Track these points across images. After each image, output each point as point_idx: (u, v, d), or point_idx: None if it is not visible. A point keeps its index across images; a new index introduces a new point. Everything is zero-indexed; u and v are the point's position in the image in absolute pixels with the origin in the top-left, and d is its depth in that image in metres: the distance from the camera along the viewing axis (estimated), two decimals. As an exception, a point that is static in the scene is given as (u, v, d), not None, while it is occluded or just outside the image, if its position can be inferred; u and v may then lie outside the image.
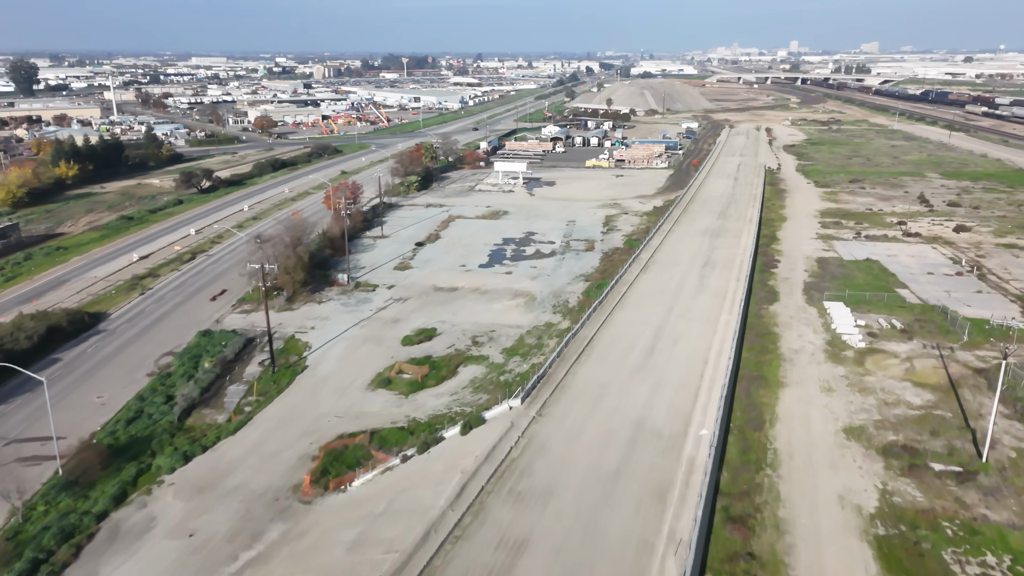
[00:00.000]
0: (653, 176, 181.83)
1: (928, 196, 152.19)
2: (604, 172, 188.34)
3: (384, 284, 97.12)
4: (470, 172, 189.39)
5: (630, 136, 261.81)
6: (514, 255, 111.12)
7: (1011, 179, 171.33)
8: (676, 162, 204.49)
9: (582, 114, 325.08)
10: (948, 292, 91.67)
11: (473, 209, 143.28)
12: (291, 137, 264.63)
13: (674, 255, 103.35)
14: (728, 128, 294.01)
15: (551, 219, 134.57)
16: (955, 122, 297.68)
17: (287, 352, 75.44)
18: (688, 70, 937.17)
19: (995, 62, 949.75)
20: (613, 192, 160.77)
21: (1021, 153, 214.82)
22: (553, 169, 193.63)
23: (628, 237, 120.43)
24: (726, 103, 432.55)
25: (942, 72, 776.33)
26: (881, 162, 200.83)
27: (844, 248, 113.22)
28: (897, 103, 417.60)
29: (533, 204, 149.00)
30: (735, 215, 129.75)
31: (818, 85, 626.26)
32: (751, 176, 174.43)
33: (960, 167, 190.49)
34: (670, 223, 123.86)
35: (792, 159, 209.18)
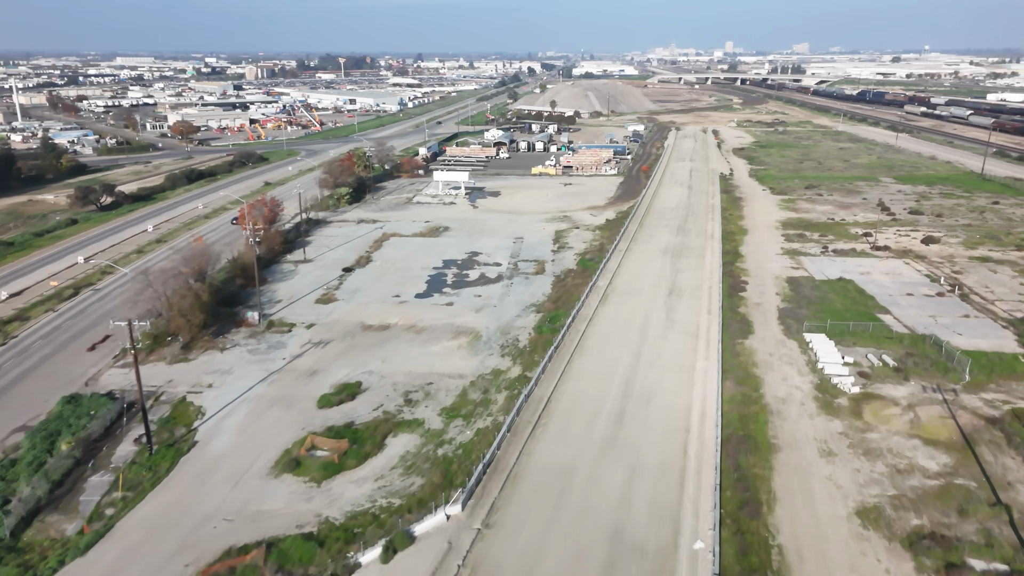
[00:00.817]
0: (603, 184, 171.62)
1: (888, 203, 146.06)
2: (551, 180, 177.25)
3: (303, 322, 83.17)
4: (408, 181, 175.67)
5: (576, 140, 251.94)
6: (456, 281, 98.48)
7: (966, 183, 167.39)
8: (625, 168, 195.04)
9: (526, 116, 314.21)
10: (934, 318, 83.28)
11: (410, 225, 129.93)
12: (214, 144, 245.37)
13: (635, 281, 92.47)
14: (675, 130, 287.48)
15: (496, 236, 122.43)
16: (897, 123, 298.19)
17: (174, 422, 61.09)
18: (629, 70, 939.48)
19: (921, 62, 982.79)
20: (562, 203, 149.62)
21: (968, 155, 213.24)
22: (497, 177, 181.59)
23: (581, 256, 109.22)
24: (669, 104, 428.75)
25: (873, 72, 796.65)
26: (833, 166, 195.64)
27: (813, 265, 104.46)
28: (836, 103, 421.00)
29: (477, 218, 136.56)
30: (695, 230, 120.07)
31: (757, 85, 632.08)
32: (705, 184, 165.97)
33: (912, 170, 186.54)
34: (626, 241, 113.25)
35: (743, 163, 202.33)
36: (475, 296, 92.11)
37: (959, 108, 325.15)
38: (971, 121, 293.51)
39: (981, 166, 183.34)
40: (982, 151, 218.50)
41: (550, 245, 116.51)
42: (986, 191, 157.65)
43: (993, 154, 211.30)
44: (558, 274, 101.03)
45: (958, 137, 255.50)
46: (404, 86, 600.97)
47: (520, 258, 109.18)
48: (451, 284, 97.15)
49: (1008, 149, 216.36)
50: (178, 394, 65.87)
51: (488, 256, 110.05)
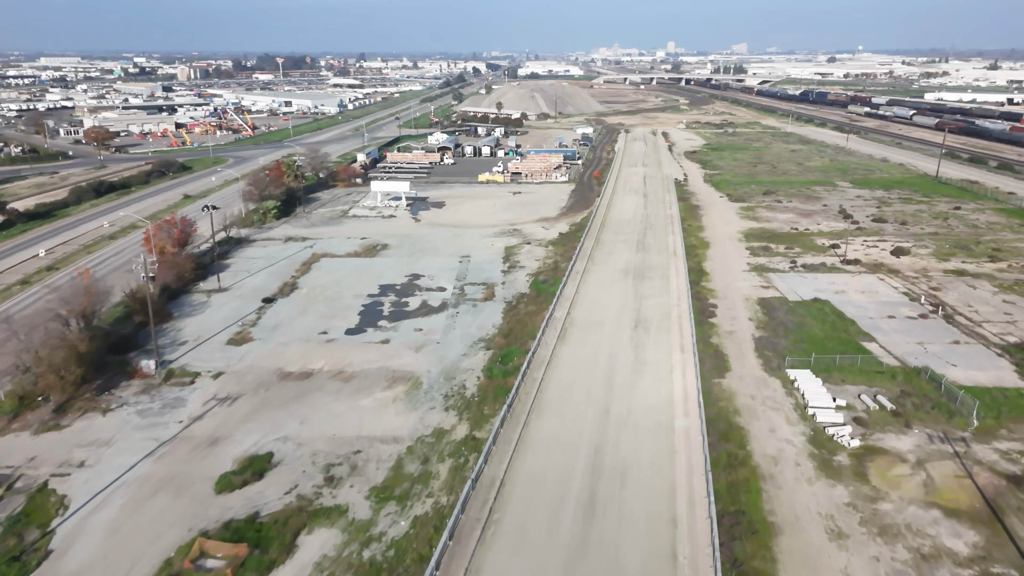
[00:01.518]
0: (554, 192, 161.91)
1: (849, 210, 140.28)
2: (499, 188, 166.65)
3: (209, 370, 70.45)
4: (344, 192, 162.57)
5: (524, 144, 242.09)
6: (394, 311, 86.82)
7: (923, 187, 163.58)
8: (576, 174, 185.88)
9: (471, 119, 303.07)
10: (923, 345, 75.71)
11: (344, 243, 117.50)
12: (133, 151, 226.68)
13: (596, 310, 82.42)
14: (624, 133, 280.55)
15: (441, 254, 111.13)
16: (844, 124, 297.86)
17: (26, 521, 48.09)
18: (574, 71, 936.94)
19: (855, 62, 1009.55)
20: (511, 214, 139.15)
21: (918, 156, 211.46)
22: (442, 186, 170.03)
23: (534, 277, 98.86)
24: (616, 105, 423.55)
25: (812, 72, 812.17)
26: (787, 170, 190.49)
27: (784, 283, 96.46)
28: (781, 104, 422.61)
29: (419, 233, 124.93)
30: (655, 246, 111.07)
31: (702, 85, 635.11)
32: (660, 191, 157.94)
33: (866, 173, 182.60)
34: (583, 260, 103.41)
35: (697, 167, 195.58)
36: (415, 330, 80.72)
37: (901, 108, 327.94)
38: (915, 121, 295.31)
39: (936, 169, 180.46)
40: (931, 152, 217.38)
41: (500, 264, 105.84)
42: (944, 195, 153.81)
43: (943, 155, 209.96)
44: (509, 299, 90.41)
45: (904, 138, 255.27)
46: (345, 87, 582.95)
47: (467, 281, 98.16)
48: (388, 315, 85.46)
49: (957, 150, 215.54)
50: (39, 478, 52.70)
51: (431, 279, 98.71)
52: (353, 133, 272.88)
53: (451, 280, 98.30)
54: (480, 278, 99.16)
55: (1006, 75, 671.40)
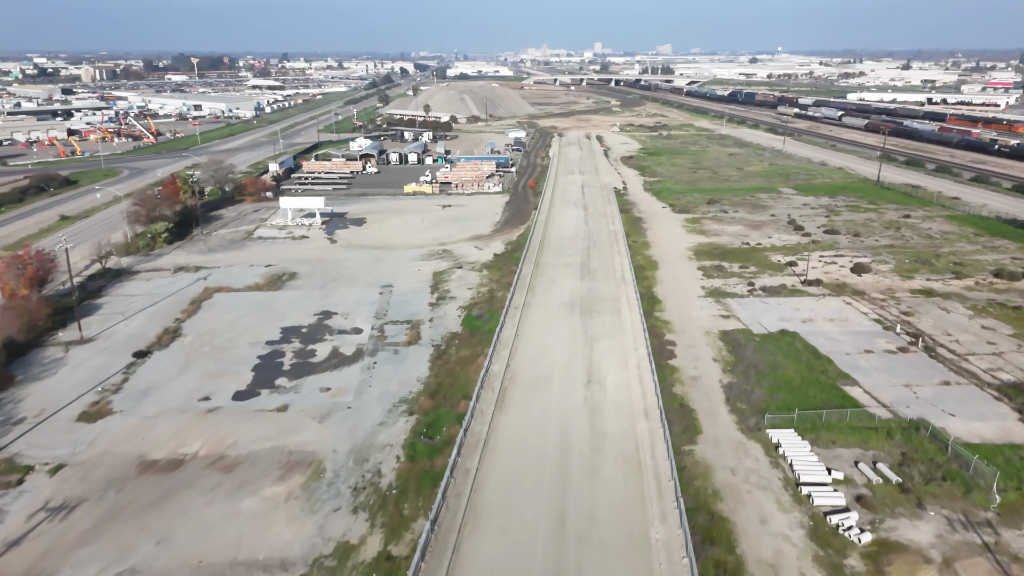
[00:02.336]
0: (487, 205, 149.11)
1: (799, 220, 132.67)
2: (427, 201, 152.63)
3: (47, 461, 54.53)
4: (252, 208, 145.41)
5: (454, 149, 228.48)
6: (297, 364, 72.19)
7: (867, 192, 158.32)
8: (510, 183, 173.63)
9: (397, 122, 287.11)
10: (911, 388, 66.33)
11: (245, 273, 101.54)
12: (13, 163, 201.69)
13: (540, 360, 69.74)
14: (557, 136, 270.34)
15: (358, 284, 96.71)
16: (777, 125, 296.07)
17: None
18: (504, 71, 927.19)
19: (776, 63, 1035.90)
20: (441, 232, 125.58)
21: (855, 159, 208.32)
22: (363, 199, 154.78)
23: (467, 311, 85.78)
24: (548, 107, 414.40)
25: (736, 72, 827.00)
26: (728, 175, 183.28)
27: (745, 311, 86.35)
28: (711, 104, 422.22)
29: (334, 257, 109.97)
30: (601, 270, 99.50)
31: (631, 86, 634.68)
32: (601, 203, 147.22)
33: (808, 179, 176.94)
34: (522, 290, 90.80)
35: (635, 174, 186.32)
36: (322, 390, 66.40)
37: (829, 109, 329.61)
38: (844, 122, 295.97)
39: (876, 173, 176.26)
40: (866, 154, 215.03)
41: (427, 295, 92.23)
42: (890, 201, 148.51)
43: (879, 158, 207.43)
44: (438, 342, 77.02)
45: (837, 139, 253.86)
46: (265, 88, 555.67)
47: (388, 319, 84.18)
48: (289, 370, 70.76)
49: (891, 152, 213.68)
50: None
51: (345, 317, 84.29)
52: (268, 139, 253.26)
53: (369, 318, 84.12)
54: (404, 314, 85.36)
55: (919, 75, 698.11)
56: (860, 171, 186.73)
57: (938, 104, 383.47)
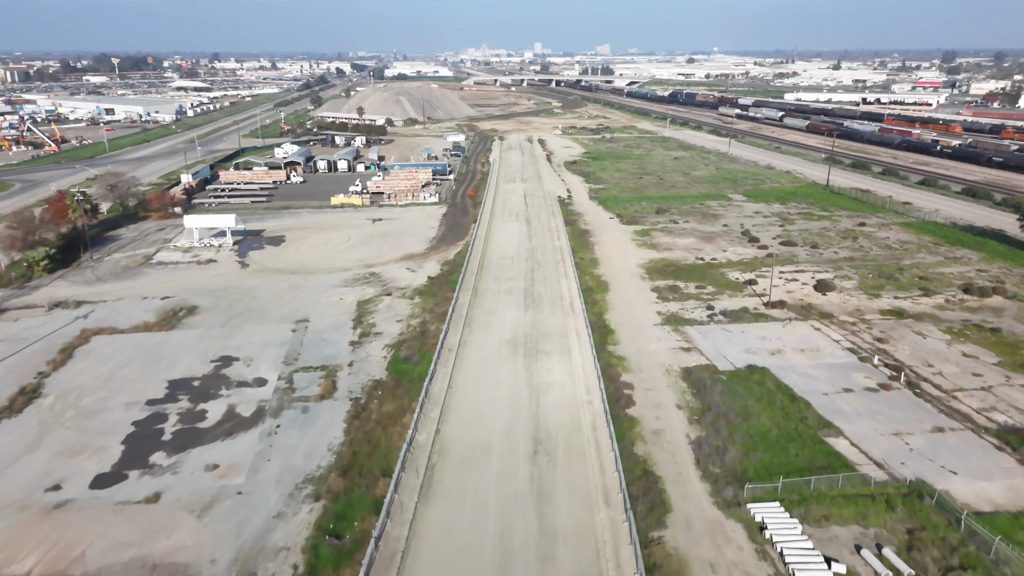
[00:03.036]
0: (422, 218, 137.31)
1: (753, 231, 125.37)
2: (356, 215, 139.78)
3: None
4: (156, 226, 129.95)
5: (389, 155, 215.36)
6: (181, 432, 59.33)
7: (817, 198, 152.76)
8: (448, 193, 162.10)
9: (328, 126, 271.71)
10: (902, 438, 58.01)
11: (135, 309, 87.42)
12: None
13: (476, 425, 58.37)
14: (498, 140, 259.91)
15: (268, 319, 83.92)
16: (719, 127, 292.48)
17: None
18: (443, 72, 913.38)
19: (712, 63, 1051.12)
20: (369, 251, 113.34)
21: (801, 162, 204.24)
22: (285, 213, 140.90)
23: (395, 351, 74.24)
24: (488, 108, 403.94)
25: (674, 73, 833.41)
26: (675, 181, 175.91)
27: (707, 342, 77.31)
28: (652, 105, 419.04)
29: (244, 285, 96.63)
30: (547, 296, 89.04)
31: (572, 87, 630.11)
32: (545, 215, 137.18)
33: (757, 183, 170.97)
34: (458, 325, 79.49)
35: (579, 181, 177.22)
36: (207, 468, 53.90)
37: (770, 109, 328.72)
38: (786, 123, 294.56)
39: (824, 177, 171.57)
40: (810, 156, 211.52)
41: (349, 331, 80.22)
42: (842, 208, 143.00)
43: (825, 160, 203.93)
44: (358, 395, 65.29)
45: (780, 141, 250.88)
46: (190, 90, 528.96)
47: (299, 364, 71.91)
48: (171, 440, 57.90)
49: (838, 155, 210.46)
50: None
51: (248, 364, 71.64)
52: (187, 146, 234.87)
53: (276, 364, 71.66)
54: (319, 357, 73.20)
55: (849, 74, 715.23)
56: (808, 175, 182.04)
57: (873, 104, 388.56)
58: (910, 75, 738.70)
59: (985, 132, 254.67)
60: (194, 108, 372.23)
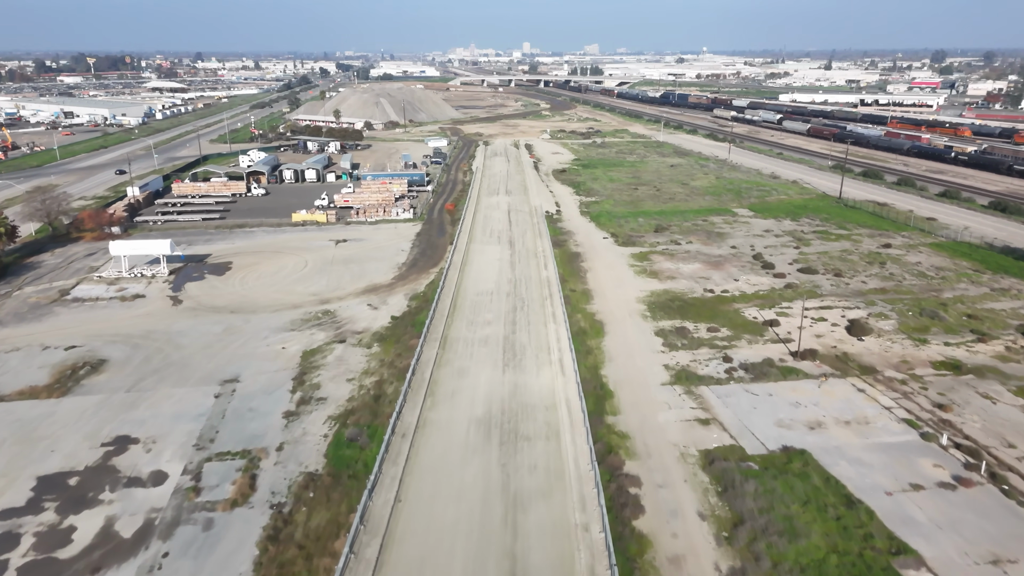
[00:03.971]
0: (392, 238, 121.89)
1: (765, 254, 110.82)
2: (319, 234, 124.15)
3: None
4: (86, 250, 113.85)
5: (364, 163, 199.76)
6: (28, 568, 43.74)
7: (831, 212, 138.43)
8: (424, 207, 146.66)
9: (302, 130, 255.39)
10: (1001, 567, 43.37)
11: (29, 364, 71.58)
12: None
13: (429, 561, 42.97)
14: (483, 145, 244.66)
15: (189, 379, 68.39)
16: (716, 131, 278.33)
17: None
18: (430, 71, 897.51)
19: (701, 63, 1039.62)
20: (327, 281, 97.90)
21: (807, 170, 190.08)
22: (237, 233, 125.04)
23: (338, 429, 58.98)
24: (474, 110, 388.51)
25: (665, 73, 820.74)
26: (673, 192, 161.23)
27: (728, 410, 62.50)
28: (644, 107, 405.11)
29: (171, 330, 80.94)
30: (531, 349, 73.67)
31: (561, 87, 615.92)
32: (530, 235, 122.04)
33: (763, 195, 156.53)
34: (418, 391, 63.98)
35: (569, 193, 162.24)
36: (51, 635, 38.42)
37: (767, 112, 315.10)
38: (785, 127, 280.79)
39: (834, 188, 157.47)
40: (815, 164, 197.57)
41: (285, 396, 64.90)
42: (861, 225, 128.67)
43: (832, 168, 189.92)
44: (282, 498, 50.02)
45: (781, 146, 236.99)
46: (165, 91, 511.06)
47: (214, 448, 56.47)
48: (13, 583, 42.39)
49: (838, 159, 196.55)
50: None
51: (148, 448, 56.14)
52: (147, 153, 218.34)
53: (186, 448, 56.18)
54: (242, 437, 57.82)
55: (842, 75, 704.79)
56: (816, 184, 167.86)
57: (871, 106, 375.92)
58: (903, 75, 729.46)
59: (995, 136, 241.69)
60: (165, 110, 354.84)
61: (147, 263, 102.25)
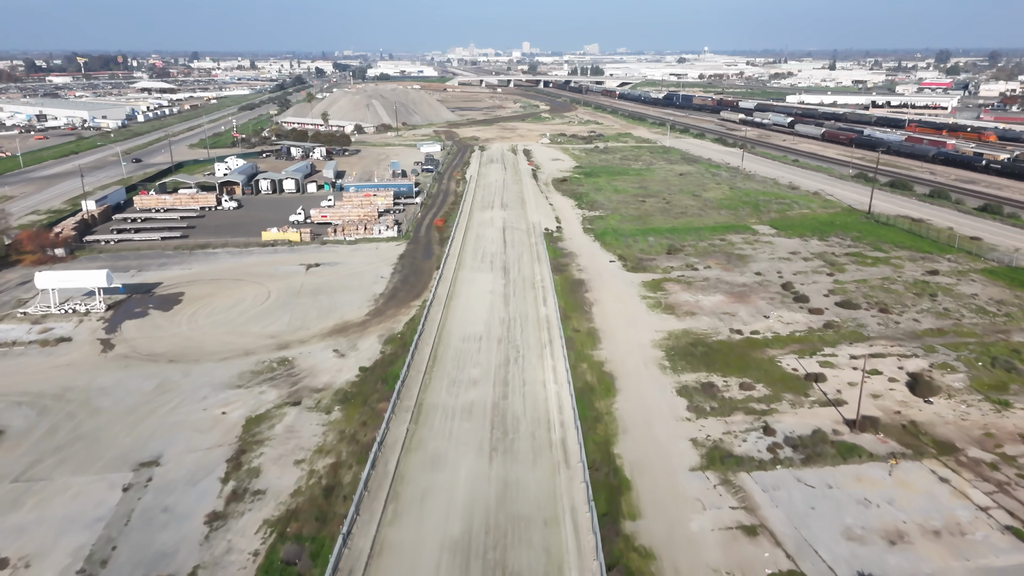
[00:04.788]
0: (372, 260, 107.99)
1: (796, 282, 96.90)
2: (289, 256, 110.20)
3: None
4: (21, 277, 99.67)
5: (351, 170, 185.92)
6: None
7: (862, 230, 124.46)
8: (411, 222, 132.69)
9: (287, 135, 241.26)
10: None
11: (-96, 438, 57.58)
12: None
13: None
14: (479, 151, 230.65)
15: (97, 461, 54.49)
16: (725, 135, 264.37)
17: None
18: (428, 71, 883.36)
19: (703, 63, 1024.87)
20: (289, 318, 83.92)
21: (825, 178, 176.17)
22: (198, 255, 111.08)
23: (276, 538, 45.19)
24: (471, 112, 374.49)
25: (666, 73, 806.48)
26: (684, 206, 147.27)
27: (779, 512, 48.61)
28: (647, 109, 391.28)
29: (91, 386, 66.99)
30: (526, 421, 59.41)
31: (561, 88, 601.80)
32: (527, 259, 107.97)
33: (783, 209, 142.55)
34: (378, 496, 49.80)
35: (571, 205, 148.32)
36: None
37: (777, 115, 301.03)
38: (797, 130, 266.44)
39: (859, 199, 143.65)
40: (834, 171, 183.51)
41: (214, 488, 51.04)
42: (897, 245, 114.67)
43: (854, 177, 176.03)
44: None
45: (796, 152, 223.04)
46: (154, 92, 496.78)
47: (104, 573, 42.52)
48: None
49: (861, 166, 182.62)
50: None
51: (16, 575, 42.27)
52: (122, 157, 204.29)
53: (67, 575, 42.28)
54: (144, 556, 44.14)
55: (847, 75, 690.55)
56: (840, 196, 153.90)
57: (884, 108, 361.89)
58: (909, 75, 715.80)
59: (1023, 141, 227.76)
60: (149, 112, 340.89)
61: (77, 299, 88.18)
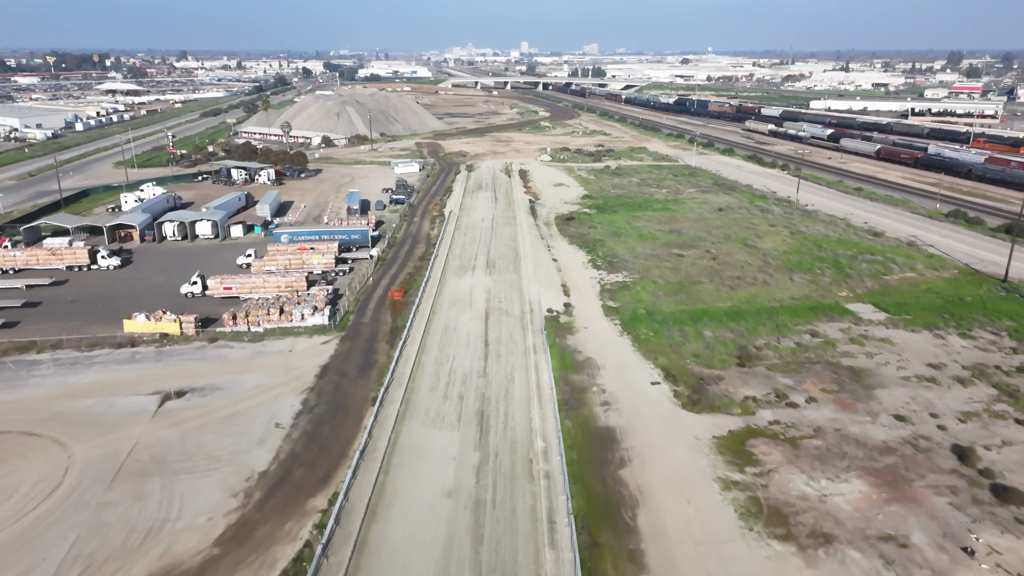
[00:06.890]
0: (273, 383, 67.58)
1: (976, 445, 57.03)
2: (147, 371, 69.80)
3: None
4: None
5: (302, 200, 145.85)
6: None
7: (1011, 313, 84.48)
8: (356, 295, 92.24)
9: (235, 150, 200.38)
10: None
11: None
12: None
13: None
14: (465, 172, 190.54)
15: None
16: (756, 149, 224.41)
17: None
18: (422, 72, 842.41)
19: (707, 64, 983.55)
20: (63, 553, 43.61)
21: (908, 217, 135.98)
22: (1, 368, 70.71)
23: None
24: (462, 120, 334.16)
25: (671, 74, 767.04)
26: (739, 264, 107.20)
27: None
28: (659, 116, 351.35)
29: None
30: None
31: (561, 91, 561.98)
32: (520, 387, 67.28)
33: (876, 271, 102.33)
34: None
35: (582, 262, 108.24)
36: None
37: (813, 126, 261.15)
38: (845, 147, 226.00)
39: (982, 255, 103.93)
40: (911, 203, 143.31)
41: None
42: (1086, 349, 74.86)
43: (948, 217, 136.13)
44: None
45: (847, 174, 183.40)
46: (118, 93, 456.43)
47: None
48: None
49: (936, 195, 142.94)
50: None
51: None
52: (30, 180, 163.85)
53: None
54: None
55: (865, 77, 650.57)
56: (945, 248, 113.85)
57: (925, 115, 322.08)
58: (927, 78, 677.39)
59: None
60: (100, 117, 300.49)
61: None
